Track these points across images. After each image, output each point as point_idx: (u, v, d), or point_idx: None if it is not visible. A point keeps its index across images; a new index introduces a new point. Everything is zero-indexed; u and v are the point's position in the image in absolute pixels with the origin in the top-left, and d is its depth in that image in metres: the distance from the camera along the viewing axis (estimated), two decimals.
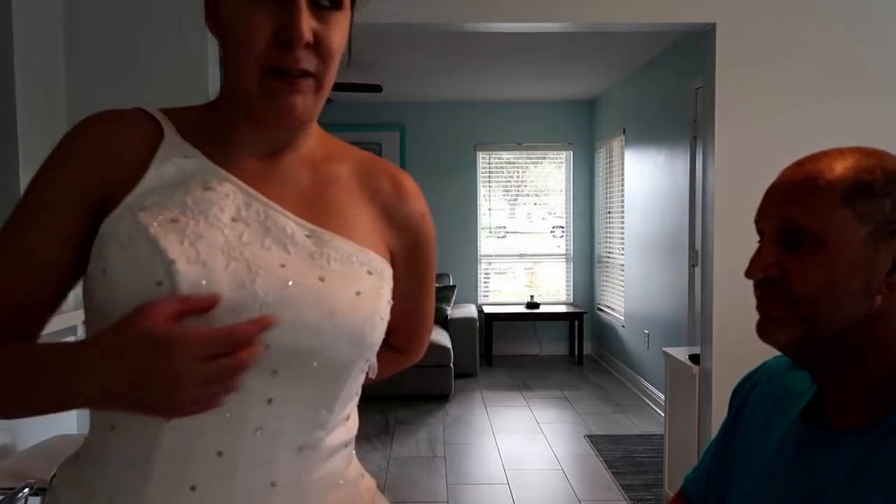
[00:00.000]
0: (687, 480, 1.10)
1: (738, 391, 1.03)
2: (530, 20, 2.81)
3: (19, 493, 1.59)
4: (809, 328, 0.80)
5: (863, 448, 0.78)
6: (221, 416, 0.72)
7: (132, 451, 0.74)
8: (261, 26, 0.75)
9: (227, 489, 0.74)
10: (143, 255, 0.72)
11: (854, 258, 0.77)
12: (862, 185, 0.78)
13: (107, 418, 0.76)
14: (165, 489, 0.73)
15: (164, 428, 0.72)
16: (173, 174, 0.78)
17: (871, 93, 2.87)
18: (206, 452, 0.73)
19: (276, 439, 0.76)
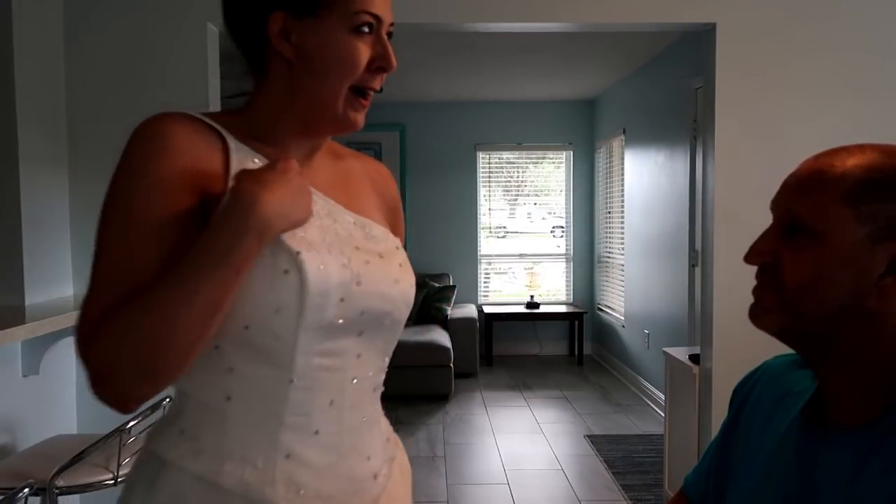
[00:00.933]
0: (687, 480, 1.10)
1: (739, 391, 1.03)
2: (530, 20, 2.81)
3: (19, 493, 1.59)
4: (795, 319, 0.81)
5: (863, 446, 0.78)
6: (331, 373, 0.91)
7: (256, 413, 0.88)
8: (364, 55, 0.90)
9: (337, 428, 0.92)
10: (263, 250, 0.83)
11: (846, 257, 0.78)
12: (868, 185, 0.77)
13: (220, 389, 0.88)
14: (295, 437, 0.89)
15: (290, 389, 0.88)
16: None
17: (871, 93, 2.87)
18: (322, 403, 0.91)
19: (364, 384, 0.96)
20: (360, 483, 0.94)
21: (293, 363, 0.87)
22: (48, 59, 2.67)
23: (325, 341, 0.89)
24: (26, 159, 2.52)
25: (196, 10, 2.74)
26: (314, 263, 0.86)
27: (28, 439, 2.48)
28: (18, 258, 2.49)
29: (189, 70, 2.75)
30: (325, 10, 0.89)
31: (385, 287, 0.94)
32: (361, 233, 0.96)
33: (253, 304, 0.84)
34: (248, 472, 0.87)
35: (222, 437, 0.88)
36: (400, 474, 1.06)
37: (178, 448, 0.89)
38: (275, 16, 0.90)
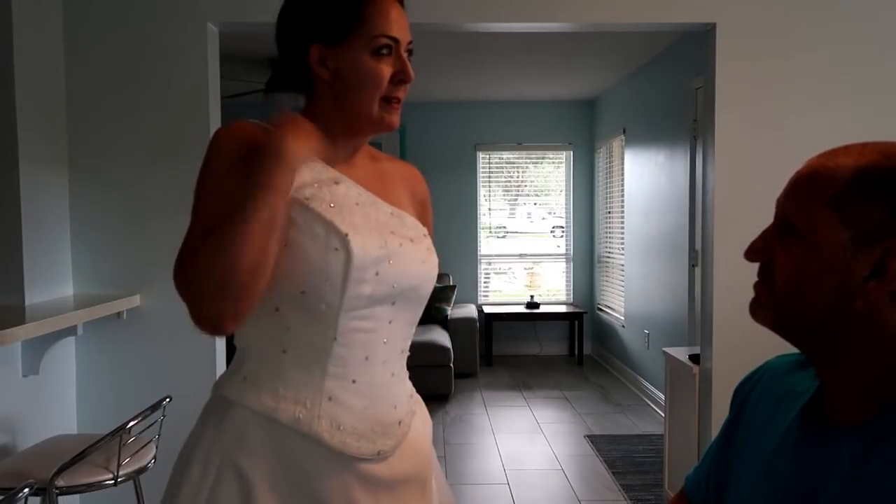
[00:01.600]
0: (688, 480, 1.10)
1: (740, 391, 1.04)
2: (530, 20, 2.81)
3: (19, 493, 1.59)
4: (785, 316, 0.83)
5: (862, 445, 0.78)
6: (367, 334, 1.12)
7: (306, 364, 1.09)
8: (387, 73, 1.13)
9: (370, 379, 1.13)
10: (317, 230, 1.07)
11: (829, 259, 0.78)
12: (854, 189, 0.77)
13: (278, 343, 1.10)
14: (336, 384, 1.10)
15: (334, 345, 1.09)
16: (308, 176, 1.11)
17: (872, 93, 2.87)
18: (358, 358, 1.12)
19: (394, 346, 1.17)
20: (387, 426, 1.14)
21: (337, 324, 1.09)
22: (48, 60, 2.67)
23: (364, 308, 1.10)
24: (26, 159, 2.52)
25: (196, 10, 2.73)
26: (358, 244, 1.07)
27: (28, 439, 2.48)
28: (18, 258, 2.49)
29: (189, 70, 2.75)
30: (352, 38, 1.11)
31: (414, 266, 1.15)
32: (397, 221, 1.17)
33: (309, 273, 1.06)
34: (299, 411, 1.08)
35: (279, 382, 1.09)
36: (422, 425, 1.25)
37: (242, 391, 1.10)
38: (313, 48, 1.13)
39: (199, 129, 2.76)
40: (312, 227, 1.07)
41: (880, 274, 0.77)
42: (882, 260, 0.76)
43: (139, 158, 2.76)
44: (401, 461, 1.16)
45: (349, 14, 1.11)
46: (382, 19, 1.11)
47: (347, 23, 1.11)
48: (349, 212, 1.11)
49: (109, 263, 2.79)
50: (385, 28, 1.11)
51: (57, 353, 2.67)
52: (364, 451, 1.11)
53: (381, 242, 1.11)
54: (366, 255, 1.08)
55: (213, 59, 2.82)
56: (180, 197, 2.73)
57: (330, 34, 1.12)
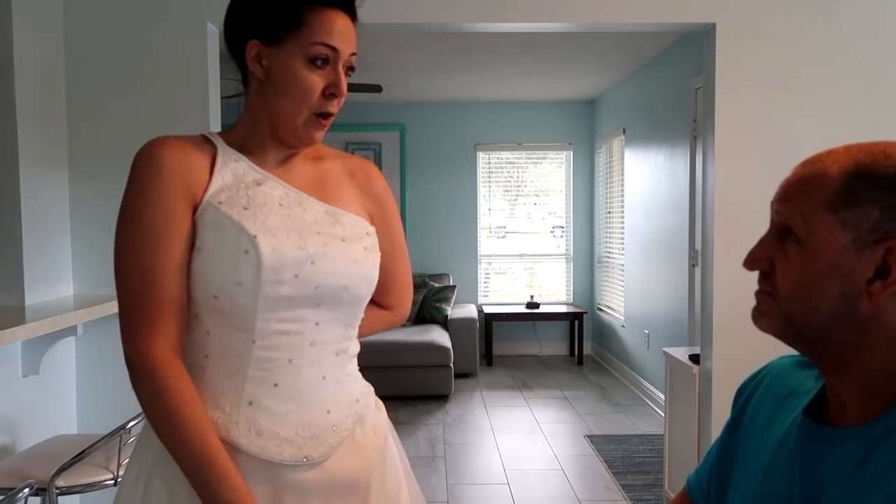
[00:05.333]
0: (689, 480, 1.10)
1: (742, 390, 1.03)
2: (530, 20, 2.81)
3: (19, 493, 1.59)
4: (789, 323, 0.82)
5: (864, 445, 0.78)
6: (289, 336, 1.08)
7: (226, 368, 1.08)
8: (318, 85, 1.09)
9: (296, 383, 1.09)
10: (229, 234, 1.04)
11: (832, 264, 0.78)
12: (850, 191, 0.77)
13: (200, 349, 1.09)
14: (257, 388, 1.07)
15: (253, 348, 1.06)
16: (231, 177, 1.10)
17: (872, 93, 2.87)
18: (282, 361, 1.08)
19: (324, 348, 1.12)
20: (317, 430, 1.11)
21: (254, 327, 1.06)
22: (48, 60, 2.67)
23: (284, 310, 1.07)
24: (26, 159, 2.52)
25: (196, 10, 2.73)
26: (269, 245, 1.04)
27: (28, 439, 2.48)
28: (18, 258, 2.49)
29: (189, 70, 2.75)
30: (288, 40, 1.07)
31: (342, 266, 1.11)
32: (329, 220, 1.13)
33: (219, 277, 1.04)
34: (218, 416, 1.06)
35: (201, 388, 1.07)
36: (372, 431, 1.21)
37: None
38: (251, 43, 1.09)
39: (199, 129, 2.75)
40: (224, 231, 1.05)
41: (884, 275, 0.76)
42: (885, 260, 0.76)
43: None
44: (337, 467, 1.12)
45: (289, 15, 1.07)
46: (323, 28, 1.08)
47: (286, 23, 1.07)
48: (266, 213, 1.07)
49: (109, 263, 2.76)
50: (324, 37, 1.07)
51: (57, 353, 2.67)
52: (287, 456, 1.07)
53: (301, 243, 1.07)
54: (279, 257, 1.04)
55: (213, 59, 2.82)
56: None
57: (267, 32, 1.08)
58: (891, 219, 0.76)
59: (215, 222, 1.05)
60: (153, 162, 1.06)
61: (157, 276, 1.03)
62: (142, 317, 1.03)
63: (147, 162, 1.06)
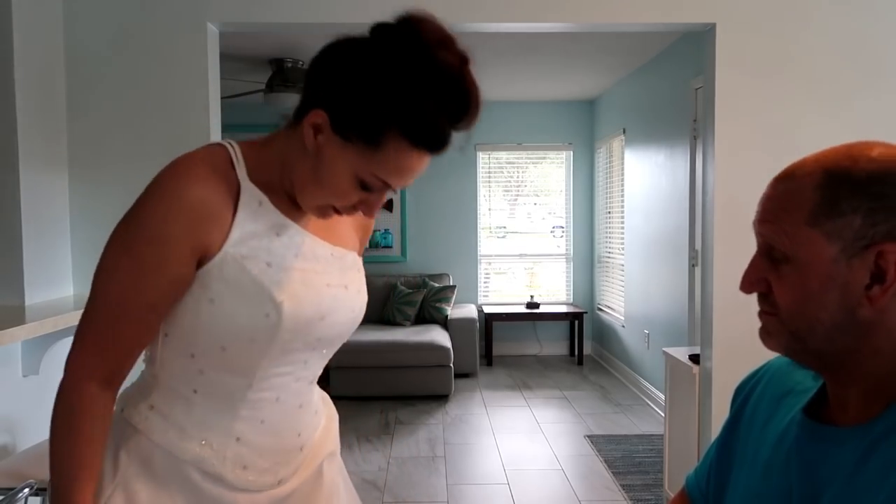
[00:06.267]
0: (689, 479, 1.10)
1: (741, 389, 1.04)
2: (530, 20, 2.81)
3: (19, 493, 1.59)
4: (796, 339, 0.82)
5: (864, 444, 0.78)
6: (281, 377, 1.09)
7: (217, 406, 1.06)
8: (353, 198, 1.02)
9: (279, 417, 1.11)
10: (251, 293, 1.01)
11: (826, 276, 0.78)
12: (827, 203, 0.77)
13: (189, 384, 1.06)
14: (245, 426, 1.08)
15: (248, 392, 1.07)
16: (253, 224, 1.03)
17: (872, 91, 2.87)
18: (270, 399, 1.10)
19: (305, 382, 1.14)
20: (288, 454, 1.14)
21: (254, 375, 1.06)
22: (48, 60, 2.67)
23: (284, 357, 1.08)
24: (26, 159, 2.52)
25: (196, 10, 2.74)
26: (291, 310, 1.03)
27: (28, 439, 2.48)
28: (18, 258, 2.49)
29: (189, 70, 2.75)
30: (354, 147, 0.97)
31: (343, 316, 1.13)
32: (336, 264, 1.13)
33: (232, 333, 1.02)
34: (205, 451, 1.06)
35: (187, 419, 1.06)
36: (324, 431, 1.23)
37: (148, 421, 1.07)
38: (320, 112, 0.97)
39: (199, 129, 2.76)
40: (244, 290, 1.00)
41: (880, 279, 0.76)
42: (877, 265, 0.76)
43: (139, 158, 2.76)
44: (298, 477, 1.17)
45: (370, 128, 0.95)
46: (393, 164, 0.97)
47: (362, 132, 0.96)
48: (287, 270, 1.04)
49: None
50: (388, 174, 0.99)
51: (57, 353, 2.67)
52: (263, 482, 1.11)
53: (317, 303, 1.07)
54: (298, 321, 1.04)
55: (213, 59, 2.82)
56: None
57: (342, 120, 0.96)
58: (874, 224, 0.76)
59: (236, 280, 1.00)
60: (172, 199, 0.97)
61: (126, 317, 0.99)
62: (94, 349, 1.01)
63: (167, 195, 0.98)
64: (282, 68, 5.12)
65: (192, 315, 1.02)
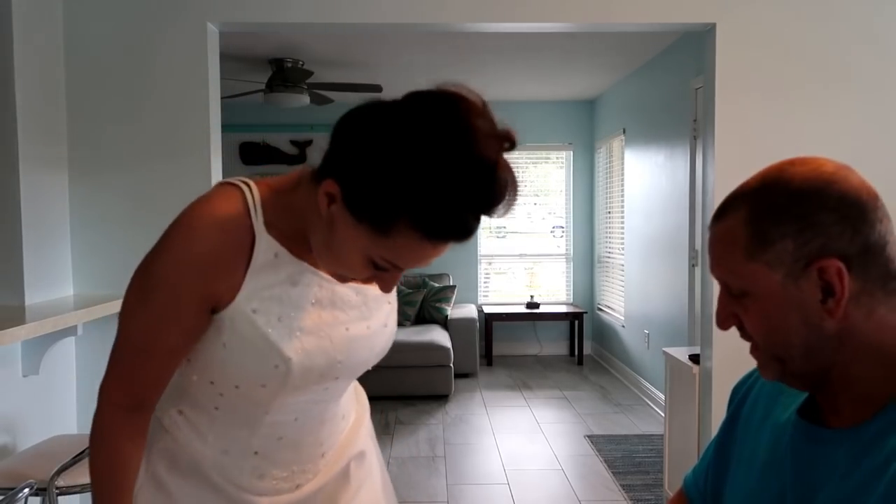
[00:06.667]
0: (687, 479, 1.10)
1: (738, 390, 1.04)
2: (530, 20, 2.81)
3: (19, 493, 1.59)
4: (782, 364, 0.84)
5: (856, 446, 0.79)
6: (298, 404, 1.10)
7: (238, 424, 1.09)
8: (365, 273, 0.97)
9: (299, 434, 1.13)
10: (260, 347, 1.01)
11: (781, 301, 0.80)
12: (758, 236, 0.80)
13: (211, 401, 1.09)
14: (263, 442, 1.11)
15: (265, 417, 1.08)
16: (267, 277, 1.01)
17: (871, 92, 2.87)
18: (288, 420, 1.11)
19: (326, 404, 1.15)
20: (310, 463, 1.16)
21: (269, 407, 1.08)
22: (48, 60, 2.67)
23: (298, 393, 1.08)
24: (26, 160, 2.52)
25: (196, 10, 2.74)
26: (300, 361, 1.03)
27: (28, 439, 2.48)
28: (18, 258, 2.49)
29: (189, 70, 2.75)
30: (364, 228, 0.90)
31: (364, 356, 1.12)
32: (359, 305, 1.11)
33: (244, 378, 1.04)
34: (224, 459, 1.10)
35: (209, 430, 1.10)
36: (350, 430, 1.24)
37: (175, 424, 1.12)
38: (331, 182, 0.90)
39: (199, 129, 2.76)
40: (255, 344, 1.00)
41: (831, 292, 0.78)
42: (823, 279, 0.78)
43: (139, 159, 2.76)
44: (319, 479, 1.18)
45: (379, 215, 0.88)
46: (403, 252, 0.91)
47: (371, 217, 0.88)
48: (300, 321, 1.02)
49: (109, 263, 2.79)
50: (397, 259, 0.92)
51: (57, 353, 2.67)
52: (281, 488, 1.14)
53: (332, 350, 1.06)
54: (308, 369, 1.03)
55: (213, 59, 2.82)
56: (180, 197, 2.74)
57: (352, 197, 0.89)
58: (805, 243, 0.78)
59: (246, 333, 1.00)
60: (181, 252, 0.98)
61: (146, 357, 1.03)
62: (119, 381, 1.04)
63: (175, 247, 0.98)
64: (282, 68, 5.12)
65: (209, 353, 1.05)
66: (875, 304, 0.79)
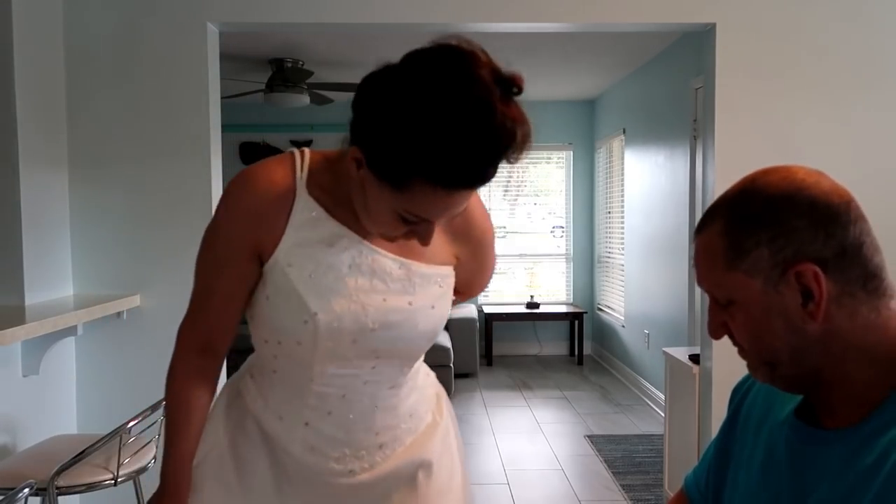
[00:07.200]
0: (687, 479, 1.11)
1: (738, 390, 1.04)
2: (530, 20, 2.81)
3: (19, 493, 1.59)
4: (772, 368, 0.85)
5: (849, 447, 0.79)
6: (344, 378, 1.12)
7: (289, 391, 1.15)
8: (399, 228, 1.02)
9: (347, 413, 1.14)
10: (292, 301, 1.07)
11: (764, 308, 0.81)
12: (734, 246, 0.82)
13: (269, 364, 1.16)
14: (313, 414, 1.14)
15: (311, 384, 1.12)
16: (304, 232, 1.08)
17: (872, 92, 2.87)
18: (335, 395, 1.14)
19: (378, 385, 1.15)
20: (364, 451, 1.16)
21: (312, 371, 1.11)
22: (48, 60, 2.67)
23: (338, 361, 1.11)
24: (26, 159, 2.52)
25: (196, 10, 2.73)
26: (327, 320, 1.06)
27: (28, 439, 2.48)
28: (18, 258, 2.49)
29: (189, 70, 2.75)
30: (387, 187, 0.96)
31: (405, 331, 1.12)
32: (402, 278, 1.11)
33: (282, 332, 1.10)
34: (280, 425, 1.16)
35: (270, 394, 1.17)
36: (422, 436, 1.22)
37: (247, 387, 1.21)
38: (355, 148, 0.98)
39: (199, 129, 2.76)
40: (288, 297, 1.07)
41: (810, 295, 0.79)
42: (801, 283, 0.79)
43: (139, 158, 2.76)
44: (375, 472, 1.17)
45: (395, 174, 0.95)
46: (423, 204, 0.97)
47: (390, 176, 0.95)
48: (331, 282, 1.07)
49: (109, 263, 2.79)
50: (420, 211, 0.98)
51: (57, 353, 2.67)
52: (334, 469, 1.15)
53: (363, 314, 1.07)
54: (337, 330, 1.07)
55: (213, 59, 2.82)
56: (180, 197, 2.75)
57: (371, 159, 0.96)
58: (779, 249, 0.79)
59: (281, 286, 1.08)
60: (235, 204, 1.10)
61: (211, 303, 1.13)
62: (191, 324, 1.16)
63: (231, 200, 1.10)
64: (282, 68, 5.12)
65: (258, 307, 1.12)
66: (857, 305, 0.79)
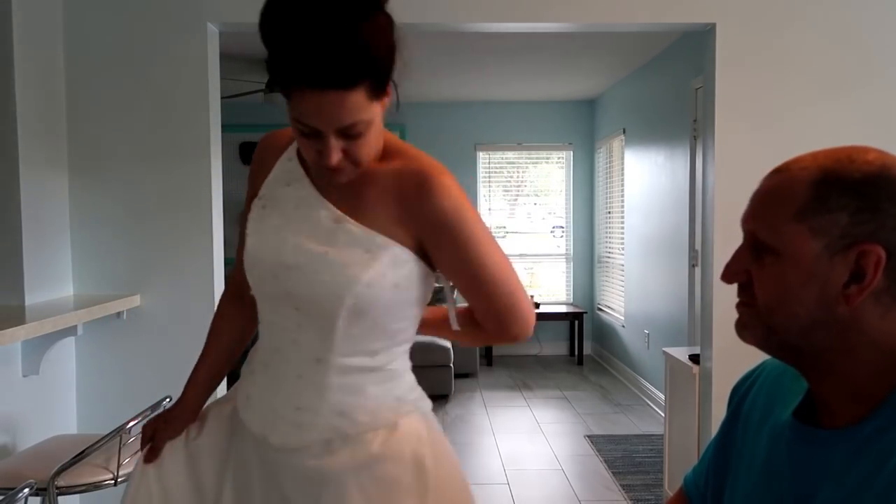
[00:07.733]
0: (687, 479, 1.10)
1: (737, 390, 1.04)
2: (530, 20, 2.81)
3: (19, 493, 1.59)
4: (771, 333, 0.83)
5: (852, 446, 0.79)
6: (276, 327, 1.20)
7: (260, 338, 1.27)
8: (309, 149, 1.09)
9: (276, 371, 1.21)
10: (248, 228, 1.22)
11: (807, 272, 0.79)
12: (817, 199, 0.79)
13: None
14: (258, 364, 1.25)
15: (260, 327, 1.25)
16: (276, 172, 1.23)
17: (872, 92, 2.87)
18: (272, 346, 1.22)
19: (304, 351, 1.17)
20: (280, 421, 1.19)
21: (259, 309, 1.23)
22: (48, 60, 2.67)
23: (271, 303, 1.20)
24: (26, 160, 2.52)
25: (196, 10, 2.73)
26: (251, 246, 1.20)
27: (28, 439, 2.48)
28: (18, 258, 2.49)
29: (189, 70, 2.75)
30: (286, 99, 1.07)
31: (315, 278, 1.12)
32: (331, 229, 1.14)
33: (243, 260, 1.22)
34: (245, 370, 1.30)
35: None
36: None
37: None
38: None
39: (199, 129, 2.76)
40: (248, 223, 1.23)
41: (859, 278, 0.77)
42: (858, 264, 0.77)
43: (139, 159, 2.76)
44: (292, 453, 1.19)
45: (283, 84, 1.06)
46: (298, 107, 1.05)
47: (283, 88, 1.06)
48: (275, 215, 1.19)
49: (109, 263, 2.79)
50: (298, 115, 1.05)
51: (57, 353, 2.67)
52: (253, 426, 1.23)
53: (280, 249, 1.15)
54: (257, 256, 1.18)
55: (213, 59, 2.82)
56: (180, 197, 2.75)
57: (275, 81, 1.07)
58: (860, 223, 0.77)
59: (251, 216, 1.23)
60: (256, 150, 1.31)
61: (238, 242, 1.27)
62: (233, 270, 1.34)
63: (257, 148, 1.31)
64: None
65: None
66: (893, 306, 0.78)
